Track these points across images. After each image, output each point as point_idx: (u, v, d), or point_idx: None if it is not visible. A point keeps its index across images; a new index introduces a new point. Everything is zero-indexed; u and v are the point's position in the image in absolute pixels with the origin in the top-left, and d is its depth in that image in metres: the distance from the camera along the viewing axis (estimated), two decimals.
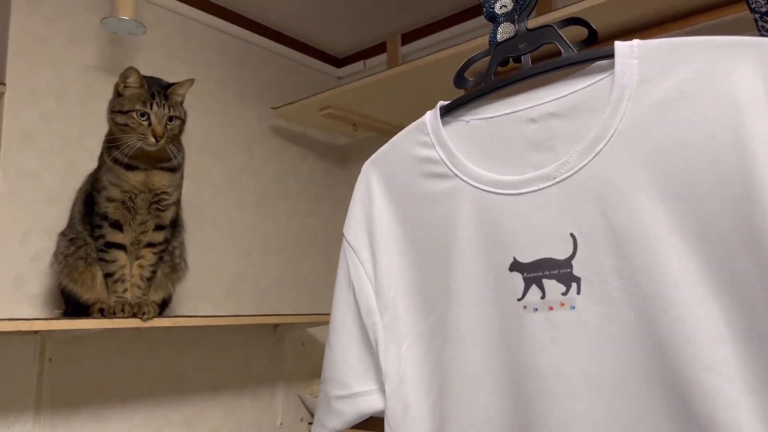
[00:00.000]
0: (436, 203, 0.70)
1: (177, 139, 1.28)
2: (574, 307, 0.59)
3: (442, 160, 0.70)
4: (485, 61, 0.71)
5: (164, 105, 1.21)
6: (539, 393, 0.60)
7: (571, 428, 0.58)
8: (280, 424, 1.79)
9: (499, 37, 0.69)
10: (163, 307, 1.34)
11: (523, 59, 0.68)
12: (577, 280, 0.59)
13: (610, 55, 0.60)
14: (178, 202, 1.34)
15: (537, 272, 0.62)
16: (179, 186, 1.32)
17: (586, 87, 0.62)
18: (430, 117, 0.72)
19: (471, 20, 1.80)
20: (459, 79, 0.73)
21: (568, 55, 0.63)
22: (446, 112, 0.72)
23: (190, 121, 1.32)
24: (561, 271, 0.60)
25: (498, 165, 0.67)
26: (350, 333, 0.74)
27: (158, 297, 1.32)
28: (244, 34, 1.88)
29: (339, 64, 2.18)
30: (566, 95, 0.63)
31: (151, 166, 1.25)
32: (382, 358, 0.71)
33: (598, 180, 0.59)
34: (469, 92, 0.70)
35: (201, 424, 1.62)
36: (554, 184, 0.61)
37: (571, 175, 0.60)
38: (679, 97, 0.55)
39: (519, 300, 0.62)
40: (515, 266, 0.63)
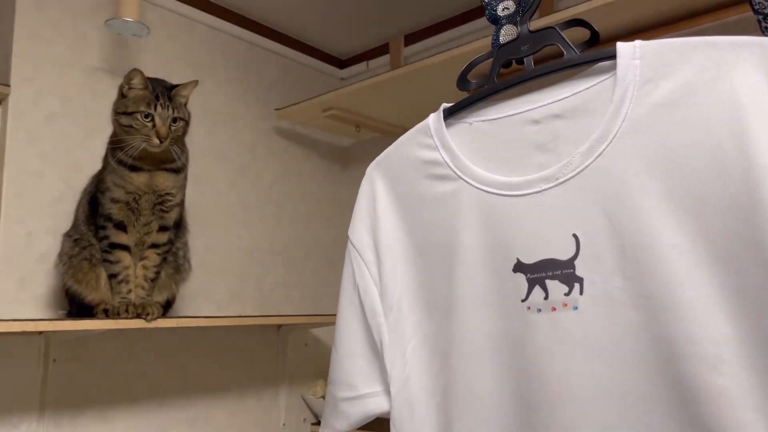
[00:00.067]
0: (440, 205, 0.70)
1: (181, 141, 1.28)
2: (576, 308, 0.59)
3: (445, 162, 0.70)
4: (488, 63, 0.71)
5: (168, 106, 1.22)
6: (543, 394, 0.60)
7: (575, 428, 0.58)
8: (284, 424, 1.79)
9: (502, 39, 0.70)
10: (166, 308, 1.35)
11: (525, 61, 0.68)
12: (580, 281, 0.59)
13: (612, 56, 0.60)
14: (182, 203, 1.34)
15: (540, 273, 0.62)
16: (183, 187, 1.32)
17: (588, 88, 0.62)
18: (434, 119, 0.72)
19: (474, 21, 1.80)
20: (462, 82, 0.73)
21: (570, 56, 0.64)
22: (449, 115, 0.72)
23: (194, 123, 1.32)
24: (564, 272, 0.60)
25: (501, 166, 0.67)
26: (356, 335, 0.74)
27: (162, 298, 1.32)
28: (248, 35, 1.88)
29: (342, 66, 2.18)
30: (569, 96, 0.64)
31: (155, 168, 1.25)
32: (388, 359, 0.71)
33: (601, 181, 0.59)
34: (472, 94, 0.71)
35: (205, 425, 1.62)
36: (557, 185, 0.61)
37: (574, 176, 0.60)
38: (680, 97, 0.56)
39: (523, 301, 0.63)
40: (518, 267, 0.63)
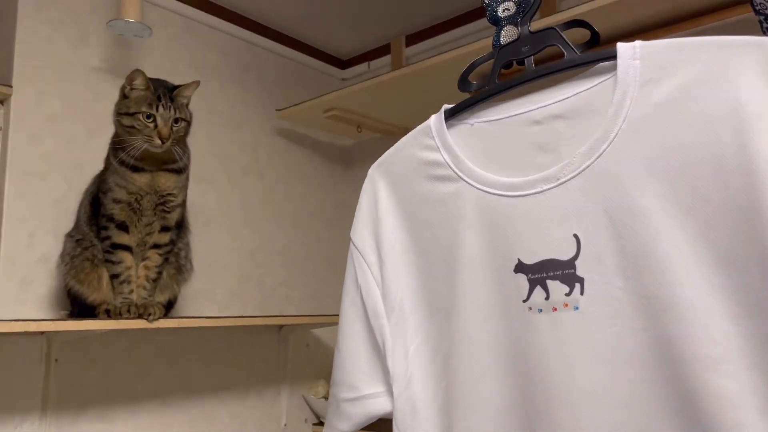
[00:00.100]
0: (442, 206, 0.70)
1: (183, 141, 1.29)
2: (577, 308, 0.59)
3: (446, 163, 0.70)
4: (489, 64, 0.71)
5: (170, 107, 1.22)
6: (544, 393, 0.60)
7: (576, 428, 0.58)
8: (285, 425, 1.80)
9: (503, 40, 0.70)
10: (168, 308, 1.35)
11: (526, 62, 0.68)
12: (581, 281, 0.59)
13: (613, 57, 0.60)
14: (184, 204, 1.34)
15: (541, 273, 0.62)
16: (185, 187, 1.33)
17: (589, 89, 0.63)
18: (435, 120, 0.72)
19: (475, 22, 1.80)
20: (463, 83, 0.73)
21: (571, 57, 0.64)
22: (451, 115, 0.72)
23: (196, 123, 1.32)
24: (564, 272, 0.60)
25: (502, 167, 0.67)
26: (358, 336, 0.74)
27: (164, 298, 1.33)
28: (249, 36, 1.89)
29: (343, 66, 2.18)
30: (569, 97, 0.64)
31: (156, 168, 1.25)
32: (390, 360, 0.71)
33: (602, 181, 0.59)
34: (474, 95, 0.71)
35: (206, 425, 1.62)
36: (558, 186, 0.62)
37: (575, 176, 0.61)
38: (681, 97, 0.56)
39: (524, 301, 0.63)
40: (519, 267, 0.63)
